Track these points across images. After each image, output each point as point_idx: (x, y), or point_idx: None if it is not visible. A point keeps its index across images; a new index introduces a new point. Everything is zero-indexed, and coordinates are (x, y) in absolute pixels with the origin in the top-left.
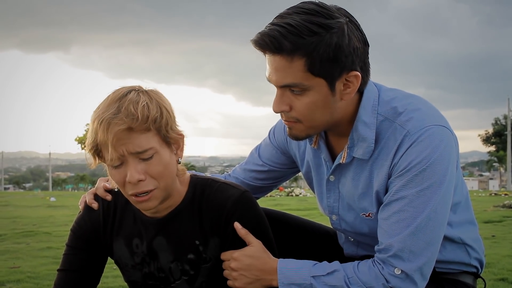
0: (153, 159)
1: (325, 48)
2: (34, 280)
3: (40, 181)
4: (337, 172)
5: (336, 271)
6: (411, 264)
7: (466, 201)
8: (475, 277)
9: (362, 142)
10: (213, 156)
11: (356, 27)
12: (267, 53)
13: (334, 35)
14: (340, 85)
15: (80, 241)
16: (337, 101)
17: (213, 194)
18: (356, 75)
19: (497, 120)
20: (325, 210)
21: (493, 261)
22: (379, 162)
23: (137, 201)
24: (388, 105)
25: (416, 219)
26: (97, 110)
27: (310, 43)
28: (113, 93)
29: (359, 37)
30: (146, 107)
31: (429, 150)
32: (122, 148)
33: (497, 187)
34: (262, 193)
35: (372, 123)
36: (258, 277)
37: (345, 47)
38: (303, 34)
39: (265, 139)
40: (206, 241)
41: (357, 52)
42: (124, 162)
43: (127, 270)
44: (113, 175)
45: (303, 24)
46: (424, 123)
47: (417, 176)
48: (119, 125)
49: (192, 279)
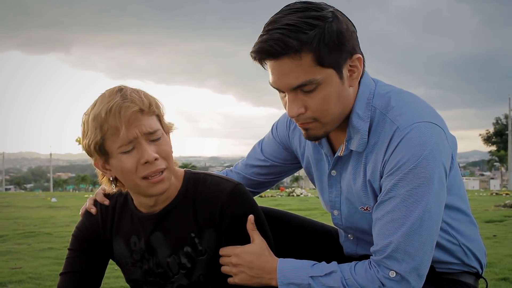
0: (161, 140)
1: (329, 36)
2: (35, 281)
3: (41, 182)
4: (338, 167)
5: (333, 272)
6: (406, 265)
7: (465, 201)
8: (477, 277)
9: (356, 134)
10: (214, 157)
11: (343, 15)
12: (270, 60)
13: (332, 23)
14: (346, 71)
15: (81, 244)
16: (346, 89)
17: (207, 187)
18: (358, 57)
19: (498, 119)
20: (326, 205)
21: (495, 260)
22: (373, 156)
23: (151, 183)
24: (383, 99)
25: (409, 218)
26: (95, 107)
27: (314, 35)
28: (107, 90)
29: (350, 23)
30: (146, 95)
31: (418, 147)
32: (135, 130)
33: (498, 187)
34: (263, 188)
35: (366, 115)
36: (258, 275)
37: (345, 31)
38: (304, 30)
39: (268, 134)
40: (201, 233)
41: (354, 35)
42: (136, 146)
43: (127, 269)
44: (123, 162)
45: (300, 20)
46: (414, 119)
47: (407, 174)
48: (131, 108)
49: (189, 273)
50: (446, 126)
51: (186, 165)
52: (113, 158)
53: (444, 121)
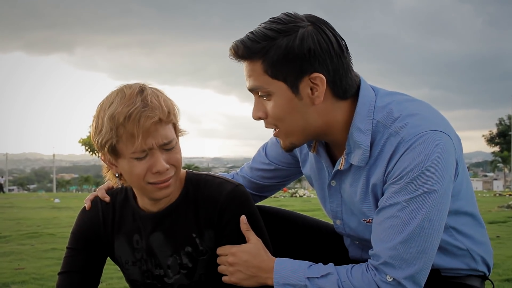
0: (174, 148)
1: (275, 50)
2: (38, 281)
3: (44, 183)
4: (337, 178)
5: (330, 274)
6: (402, 272)
7: (473, 203)
8: (483, 279)
9: (357, 149)
10: (216, 157)
11: (321, 31)
12: (238, 61)
13: (285, 38)
14: (305, 88)
15: (80, 241)
16: (307, 105)
17: (208, 188)
18: (318, 76)
19: (501, 120)
20: (329, 214)
21: (498, 261)
22: (375, 169)
23: (157, 188)
24: (384, 110)
25: (408, 226)
26: (112, 105)
27: (263, 47)
28: (126, 88)
29: (322, 41)
30: (167, 101)
31: (422, 156)
32: (152, 141)
33: (501, 188)
34: (269, 192)
35: (367, 129)
36: (254, 274)
37: (296, 48)
38: (259, 39)
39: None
40: (202, 233)
41: (314, 54)
42: (149, 154)
43: (127, 269)
44: (134, 166)
45: (261, 30)
46: (419, 129)
47: (410, 183)
48: (151, 118)
49: (190, 273)
50: (452, 128)
51: (189, 166)
52: (123, 159)
53: (449, 124)
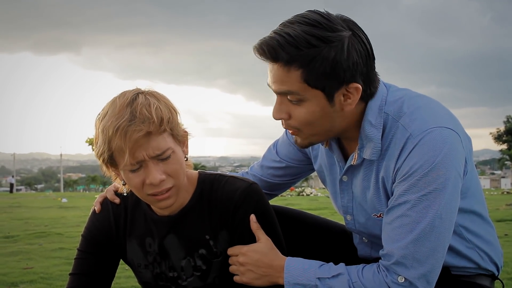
0: (170, 158)
1: (321, 62)
2: (47, 280)
3: (51, 182)
4: (349, 173)
5: (341, 274)
6: (415, 272)
7: (481, 202)
8: (493, 279)
9: (369, 142)
10: (223, 156)
11: (360, 40)
12: (265, 60)
13: (332, 49)
14: (339, 96)
15: (91, 245)
16: (337, 111)
17: (221, 188)
18: (356, 87)
19: (509, 118)
20: (339, 210)
21: (506, 260)
22: (385, 163)
23: (156, 199)
24: (395, 104)
25: (419, 224)
26: (105, 118)
27: (307, 55)
28: (119, 98)
29: (362, 51)
30: (159, 109)
31: (431, 153)
32: (142, 153)
33: (509, 186)
34: (280, 190)
35: (379, 123)
36: (265, 274)
37: (343, 62)
38: (301, 46)
39: (282, 135)
40: (216, 235)
41: (356, 66)
42: (143, 165)
43: (139, 271)
44: (130, 179)
45: (302, 35)
46: (427, 125)
47: (419, 180)
48: (137, 132)
49: (204, 275)
50: (461, 127)
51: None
52: (121, 170)
53: (459, 122)
